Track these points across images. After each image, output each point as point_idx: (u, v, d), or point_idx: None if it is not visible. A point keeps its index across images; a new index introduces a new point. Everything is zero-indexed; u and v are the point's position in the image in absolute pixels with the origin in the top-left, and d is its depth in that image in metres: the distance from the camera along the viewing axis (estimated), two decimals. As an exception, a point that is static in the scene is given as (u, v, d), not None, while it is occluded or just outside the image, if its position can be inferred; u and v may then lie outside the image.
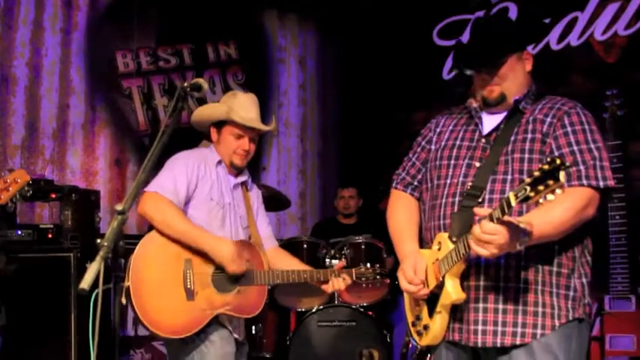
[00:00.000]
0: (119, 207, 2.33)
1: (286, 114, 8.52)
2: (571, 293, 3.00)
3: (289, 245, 5.89)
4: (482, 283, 3.01)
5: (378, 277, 4.35)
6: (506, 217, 2.65)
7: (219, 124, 4.18)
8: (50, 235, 5.38)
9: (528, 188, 2.49)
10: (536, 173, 2.49)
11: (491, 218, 2.68)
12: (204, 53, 8.08)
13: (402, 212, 3.41)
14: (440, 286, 3.01)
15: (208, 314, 3.87)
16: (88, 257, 5.23)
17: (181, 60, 7.90)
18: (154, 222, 3.90)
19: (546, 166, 2.47)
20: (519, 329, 2.95)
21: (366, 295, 5.88)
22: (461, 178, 3.12)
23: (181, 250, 3.90)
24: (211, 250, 3.89)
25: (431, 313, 3.09)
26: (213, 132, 4.21)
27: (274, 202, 6.05)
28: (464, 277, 3.00)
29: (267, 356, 6.14)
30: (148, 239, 3.91)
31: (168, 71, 7.81)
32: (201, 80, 2.70)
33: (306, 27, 8.76)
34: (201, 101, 7.32)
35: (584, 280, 3.05)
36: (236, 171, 4.23)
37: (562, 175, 2.45)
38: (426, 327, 3.12)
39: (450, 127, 3.32)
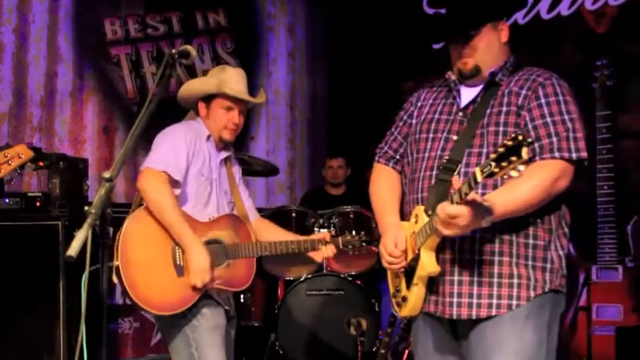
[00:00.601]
0: (107, 174, 2.33)
1: (275, 82, 8.49)
2: (548, 265, 3.02)
3: (278, 214, 5.89)
4: (457, 256, 3.02)
5: (364, 244, 4.42)
6: (470, 196, 2.67)
7: (208, 99, 4.16)
8: (38, 204, 5.36)
9: (493, 164, 2.49)
10: (500, 149, 2.49)
11: (460, 193, 2.69)
12: (193, 21, 8.02)
13: (384, 186, 3.43)
14: (416, 258, 3.04)
15: (199, 289, 3.87)
16: (76, 225, 5.22)
17: (170, 28, 7.85)
18: (147, 200, 3.88)
19: (509, 142, 2.46)
20: (495, 301, 2.97)
21: (354, 264, 5.90)
22: (438, 152, 3.13)
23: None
24: (187, 252, 3.84)
25: (408, 285, 3.12)
26: (202, 107, 4.19)
27: (263, 170, 6.04)
28: (439, 250, 3.02)
29: (256, 325, 6.15)
30: (136, 216, 3.90)
31: (157, 39, 7.77)
32: (189, 47, 2.68)
33: (295, -6, 8.72)
34: (190, 69, 7.29)
35: (561, 253, 3.07)
36: (222, 145, 4.22)
37: (524, 151, 2.43)
38: (404, 298, 3.15)
39: (430, 101, 3.32)
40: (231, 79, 4.17)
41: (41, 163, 5.43)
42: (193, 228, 3.89)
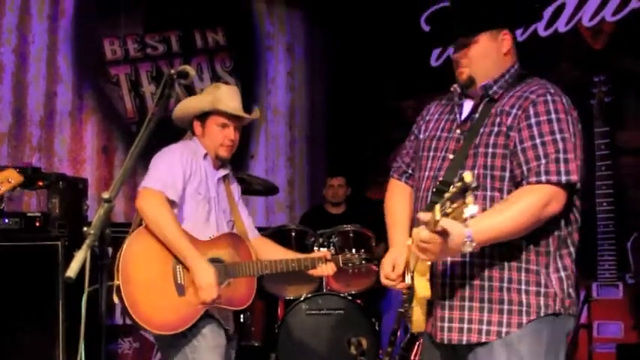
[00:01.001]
0: (106, 195, 2.33)
1: (274, 101, 8.50)
2: (542, 289, 2.90)
3: (278, 233, 5.88)
4: (448, 280, 2.96)
5: (364, 262, 4.41)
6: (438, 226, 2.53)
7: (203, 117, 4.17)
8: (38, 224, 5.35)
9: (448, 204, 2.43)
10: (448, 194, 2.42)
11: (432, 220, 2.58)
12: (192, 40, 8.04)
13: (395, 201, 3.39)
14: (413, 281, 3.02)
15: (200, 309, 3.87)
16: (75, 245, 5.21)
17: (169, 47, 7.86)
18: (147, 220, 3.89)
19: (458, 184, 2.38)
20: (484, 327, 2.89)
21: (354, 283, 5.89)
22: (435, 172, 3.06)
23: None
24: (192, 269, 3.85)
25: (410, 304, 3.09)
26: (197, 125, 4.20)
27: (263, 189, 6.04)
28: (433, 274, 2.97)
29: (256, 344, 6.14)
30: (137, 236, 3.91)
31: (156, 58, 7.78)
32: (188, 67, 2.68)
33: (294, 13, 8.73)
34: (189, 88, 7.29)
35: (562, 274, 2.94)
36: (219, 163, 4.23)
37: (469, 196, 2.37)
38: (410, 315, 3.13)
39: (436, 116, 3.23)
40: (225, 96, 4.18)
41: (40, 183, 5.43)
42: (195, 247, 3.89)
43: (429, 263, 2.91)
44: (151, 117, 2.57)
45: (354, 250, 4.42)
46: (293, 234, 6.00)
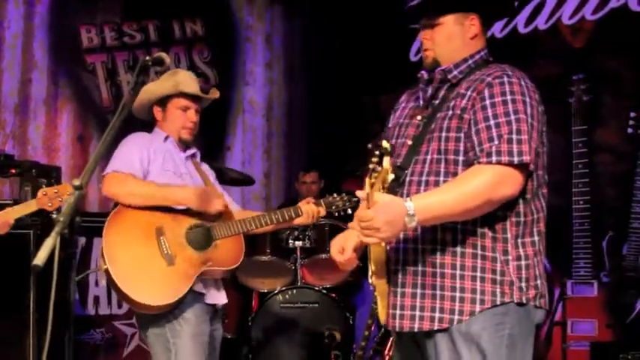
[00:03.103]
0: (76, 182, 2.28)
1: (252, 93, 8.44)
2: (498, 277, 2.77)
3: (253, 225, 5.85)
4: (400, 267, 2.87)
5: (347, 203, 4.34)
6: (361, 193, 2.56)
7: (163, 101, 4.22)
8: (9, 212, 5.29)
9: (372, 174, 2.46)
10: (371, 165, 2.45)
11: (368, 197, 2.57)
12: (170, 30, 7.97)
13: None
14: None
15: (192, 274, 3.88)
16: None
17: (147, 36, 7.79)
18: (119, 197, 3.92)
19: (376, 152, 2.40)
20: (437, 314, 2.79)
21: (329, 277, 5.87)
22: (394, 158, 2.93)
23: (150, 219, 3.91)
24: (184, 200, 3.94)
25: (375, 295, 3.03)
26: (157, 111, 4.25)
27: (239, 179, 6.00)
28: (387, 261, 2.90)
29: (229, 337, 6.11)
30: (114, 216, 3.91)
31: (134, 47, 7.70)
32: (163, 54, 2.63)
33: (273, 5, 8.68)
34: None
35: (522, 263, 2.80)
36: (183, 147, 4.27)
37: (385, 163, 2.41)
38: (376, 308, 3.06)
39: (403, 104, 3.18)
40: (187, 80, 4.24)
41: (13, 171, 5.38)
42: (174, 217, 3.94)
43: (381, 249, 2.85)
44: (125, 104, 2.52)
45: (335, 195, 4.35)
46: (268, 226, 5.96)
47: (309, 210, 4.19)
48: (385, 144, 2.36)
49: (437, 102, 2.94)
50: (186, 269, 3.87)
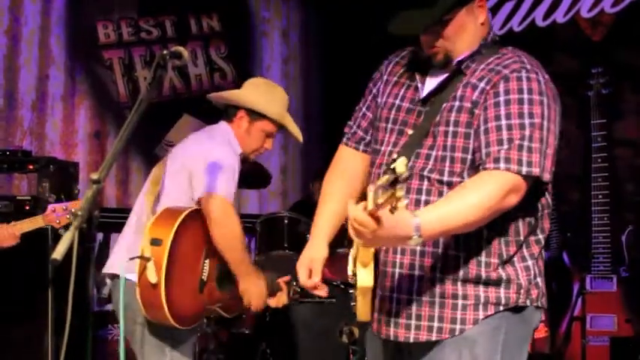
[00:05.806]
0: (94, 176, 2.27)
1: (269, 88, 8.43)
2: (504, 281, 2.58)
3: (270, 221, 5.86)
4: (397, 270, 2.63)
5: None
6: (375, 212, 2.15)
7: (257, 115, 4.03)
8: (27, 207, 5.29)
9: (380, 192, 2.07)
10: (379, 182, 2.07)
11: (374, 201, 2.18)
12: (187, 25, 7.97)
13: (338, 176, 3.04)
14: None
15: (207, 308, 3.80)
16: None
17: (163, 32, 7.79)
18: (219, 233, 3.70)
19: (386, 177, 2.06)
20: (435, 324, 2.57)
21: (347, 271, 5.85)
22: (390, 147, 2.71)
23: (209, 236, 3.74)
24: (249, 280, 3.86)
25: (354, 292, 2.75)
26: (244, 119, 4.03)
27: (255, 178, 5.98)
28: (379, 262, 2.67)
29: (247, 332, 6.09)
30: (195, 215, 3.72)
31: (150, 43, 7.71)
32: (181, 48, 2.60)
33: (290, -1, 8.68)
34: (183, 73, 7.24)
35: (529, 263, 2.62)
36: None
37: (398, 189, 2.04)
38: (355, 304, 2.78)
39: (395, 78, 2.87)
40: (289, 117, 4.15)
41: (31, 167, 5.40)
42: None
43: (372, 250, 2.58)
44: (142, 98, 2.51)
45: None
46: (285, 221, 5.95)
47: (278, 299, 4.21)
48: (400, 168, 2.04)
49: (442, 91, 2.68)
50: (205, 302, 3.76)
